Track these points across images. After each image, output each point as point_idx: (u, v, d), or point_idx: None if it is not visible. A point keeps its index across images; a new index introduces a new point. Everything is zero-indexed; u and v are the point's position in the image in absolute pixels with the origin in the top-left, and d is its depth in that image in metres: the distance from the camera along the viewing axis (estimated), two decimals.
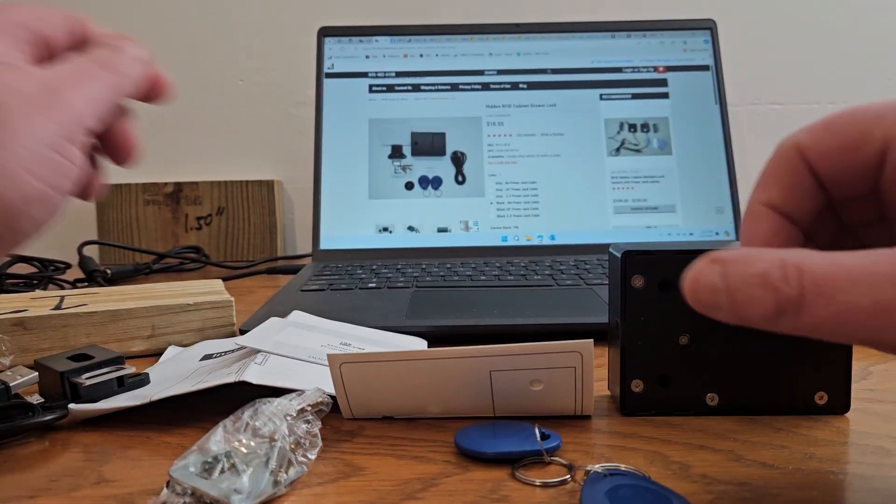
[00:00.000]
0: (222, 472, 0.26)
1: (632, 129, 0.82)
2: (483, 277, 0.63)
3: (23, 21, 0.27)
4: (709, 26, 0.85)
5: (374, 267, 0.71)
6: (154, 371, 0.40)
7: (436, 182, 0.81)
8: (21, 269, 0.84)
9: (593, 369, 0.32)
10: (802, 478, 0.27)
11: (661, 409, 0.33)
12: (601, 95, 0.83)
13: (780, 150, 0.25)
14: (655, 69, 0.84)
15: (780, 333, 0.21)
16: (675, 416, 0.33)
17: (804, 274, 0.19)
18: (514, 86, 0.84)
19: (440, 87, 0.83)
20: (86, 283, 0.79)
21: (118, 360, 0.38)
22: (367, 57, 0.85)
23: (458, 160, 0.81)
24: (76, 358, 0.37)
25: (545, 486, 0.27)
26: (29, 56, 0.27)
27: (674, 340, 0.31)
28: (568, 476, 0.28)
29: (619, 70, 0.84)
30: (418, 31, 0.85)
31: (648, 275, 0.32)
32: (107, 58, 0.28)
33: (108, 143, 0.30)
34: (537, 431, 0.30)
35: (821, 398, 0.32)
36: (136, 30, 1.00)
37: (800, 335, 0.20)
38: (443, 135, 0.82)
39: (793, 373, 0.32)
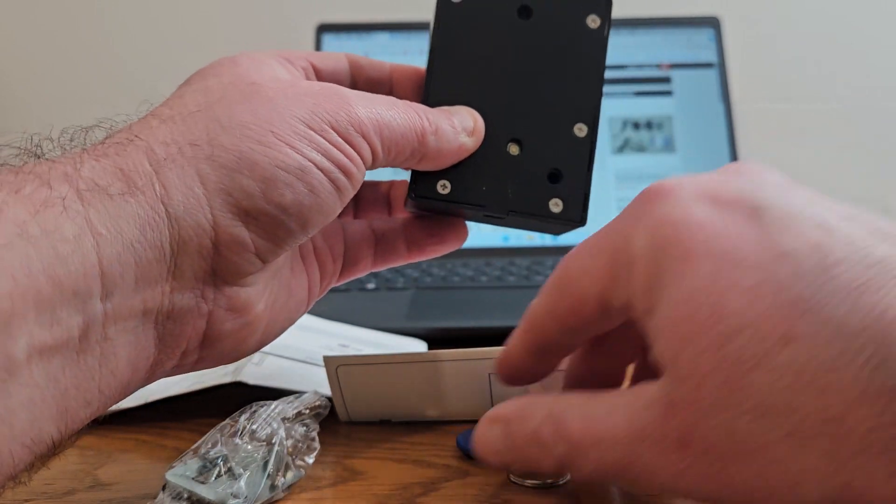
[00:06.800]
0: (219, 476, 0.26)
1: (635, 128, 0.82)
2: (484, 278, 0.63)
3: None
4: (714, 22, 0.84)
5: None
6: None
7: None
8: None
9: None
10: None
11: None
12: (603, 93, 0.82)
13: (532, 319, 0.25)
14: (659, 66, 0.83)
15: None
16: None
17: (565, 431, 0.20)
18: None
19: None
20: None
21: None
22: (367, 54, 0.84)
23: None
24: None
25: (537, 487, 0.27)
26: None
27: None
28: (565, 478, 0.27)
29: (621, 67, 0.83)
30: (418, 26, 0.84)
31: None
32: (424, 108, 0.26)
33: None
34: None
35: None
36: (128, 28, 1.00)
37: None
38: None
39: None
